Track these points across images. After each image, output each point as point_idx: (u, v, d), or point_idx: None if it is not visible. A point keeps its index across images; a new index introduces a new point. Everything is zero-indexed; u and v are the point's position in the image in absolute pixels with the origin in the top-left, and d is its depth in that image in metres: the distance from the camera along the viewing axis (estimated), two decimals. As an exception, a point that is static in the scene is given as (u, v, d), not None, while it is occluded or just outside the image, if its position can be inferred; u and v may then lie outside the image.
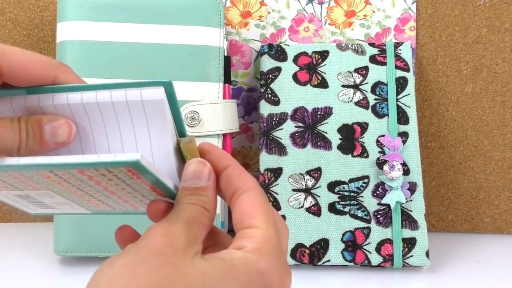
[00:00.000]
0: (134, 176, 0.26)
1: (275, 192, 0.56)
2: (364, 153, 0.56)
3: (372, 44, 0.61)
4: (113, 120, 0.28)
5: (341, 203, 0.55)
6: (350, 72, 0.59)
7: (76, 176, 0.26)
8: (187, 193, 0.29)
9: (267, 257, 0.27)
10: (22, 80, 0.28)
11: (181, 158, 0.30)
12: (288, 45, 0.61)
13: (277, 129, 0.58)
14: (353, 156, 0.56)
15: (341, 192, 0.56)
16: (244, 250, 0.27)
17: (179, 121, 0.30)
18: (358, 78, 0.59)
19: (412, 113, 0.58)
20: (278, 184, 0.56)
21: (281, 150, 0.57)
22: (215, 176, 0.30)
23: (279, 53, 0.60)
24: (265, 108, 0.58)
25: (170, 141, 0.28)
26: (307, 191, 0.56)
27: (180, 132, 0.30)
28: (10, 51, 0.27)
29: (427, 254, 0.53)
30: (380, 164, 0.56)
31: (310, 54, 0.60)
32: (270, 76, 0.60)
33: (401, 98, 0.58)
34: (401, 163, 0.55)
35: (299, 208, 0.55)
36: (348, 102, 0.58)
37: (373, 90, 0.58)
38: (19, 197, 0.30)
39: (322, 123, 0.58)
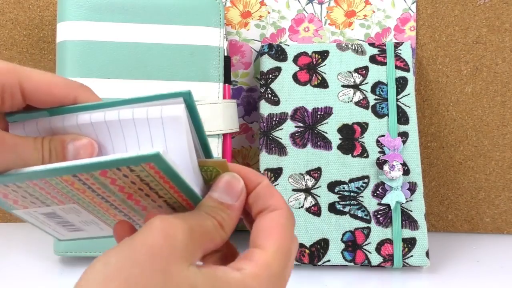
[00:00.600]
0: (156, 175, 0.26)
1: (275, 192, 0.56)
2: (364, 153, 0.56)
3: (372, 44, 0.61)
4: (133, 136, 0.28)
5: (341, 203, 0.55)
6: (350, 72, 0.59)
7: (99, 180, 0.26)
8: (211, 203, 0.28)
9: (263, 285, 0.26)
10: (44, 102, 0.28)
11: (205, 179, 0.29)
12: (288, 45, 0.61)
13: (277, 129, 0.58)
14: (353, 156, 0.56)
15: (341, 192, 0.56)
16: (242, 273, 0.26)
17: (201, 134, 0.29)
18: (358, 78, 0.59)
19: (412, 113, 0.58)
20: (278, 184, 0.56)
21: (281, 150, 0.57)
22: (245, 197, 0.29)
23: (279, 53, 0.60)
24: (265, 108, 0.58)
25: (188, 158, 0.28)
26: (307, 191, 0.56)
27: (203, 143, 0.29)
28: (33, 74, 0.28)
29: (427, 254, 0.53)
30: (380, 164, 0.56)
31: (310, 54, 0.60)
32: (270, 76, 0.60)
33: (401, 98, 0.58)
34: (401, 163, 0.55)
35: (299, 208, 0.55)
36: (348, 102, 0.58)
37: (373, 90, 0.58)
38: (47, 216, 0.30)
39: (322, 123, 0.58)
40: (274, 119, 0.58)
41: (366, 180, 0.56)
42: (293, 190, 0.56)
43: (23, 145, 0.27)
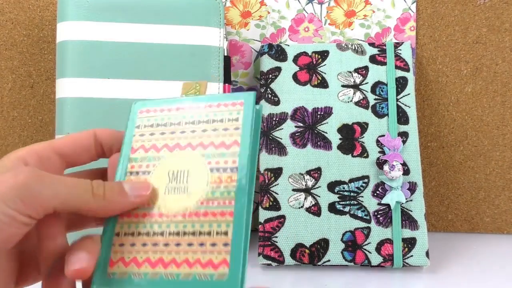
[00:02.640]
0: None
1: (275, 192, 0.56)
2: (364, 153, 0.56)
3: (372, 44, 0.61)
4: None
5: (341, 203, 0.55)
6: (350, 72, 0.59)
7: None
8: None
9: None
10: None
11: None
12: (288, 45, 0.61)
13: (277, 129, 0.58)
14: (353, 156, 0.56)
15: (341, 192, 0.56)
16: None
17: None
18: (358, 78, 0.59)
19: (412, 113, 0.58)
20: (278, 184, 0.56)
21: (281, 150, 0.57)
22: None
23: (279, 53, 0.60)
24: (265, 108, 0.58)
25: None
26: (307, 191, 0.56)
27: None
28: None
29: (427, 254, 0.53)
30: (380, 164, 0.56)
31: (310, 54, 0.60)
32: (270, 76, 0.60)
33: (401, 98, 0.58)
34: (401, 163, 0.55)
35: (299, 208, 0.55)
36: (348, 102, 0.58)
37: (373, 90, 0.58)
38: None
39: (322, 123, 0.58)
40: (274, 119, 0.58)
41: (366, 180, 0.56)
42: (293, 190, 0.56)
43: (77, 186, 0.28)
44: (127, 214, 0.29)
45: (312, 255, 0.54)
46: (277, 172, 0.56)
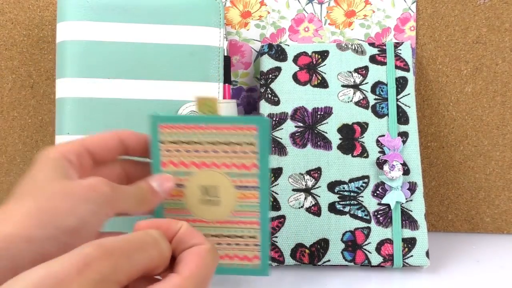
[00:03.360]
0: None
1: (275, 192, 0.56)
2: (364, 153, 0.56)
3: (372, 44, 0.61)
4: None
5: (341, 203, 0.55)
6: (350, 72, 0.59)
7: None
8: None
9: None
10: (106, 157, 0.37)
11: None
12: (288, 45, 0.61)
13: (277, 129, 0.58)
14: (353, 156, 0.56)
15: (341, 192, 0.56)
16: (181, 276, 0.28)
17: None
18: (358, 78, 0.59)
19: (412, 113, 0.58)
20: (278, 184, 0.56)
21: (281, 150, 0.57)
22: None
23: (279, 53, 0.60)
24: (265, 108, 0.58)
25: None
26: (307, 191, 0.56)
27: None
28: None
29: (427, 254, 0.54)
30: (380, 164, 0.56)
31: (310, 54, 0.60)
32: (270, 76, 0.60)
33: (401, 98, 0.58)
34: (401, 163, 0.55)
35: (299, 208, 0.55)
36: (348, 102, 0.58)
37: (373, 90, 0.59)
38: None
39: (322, 123, 0.58)
40: (274, 119, 0.58)
41: (366, 180, 0.56)
42: (293, 190, 0.56)
43: (127, 198, 0.33)
44: None
45: (312, 255, 0.54)
46: (277, 172, 0.56)
